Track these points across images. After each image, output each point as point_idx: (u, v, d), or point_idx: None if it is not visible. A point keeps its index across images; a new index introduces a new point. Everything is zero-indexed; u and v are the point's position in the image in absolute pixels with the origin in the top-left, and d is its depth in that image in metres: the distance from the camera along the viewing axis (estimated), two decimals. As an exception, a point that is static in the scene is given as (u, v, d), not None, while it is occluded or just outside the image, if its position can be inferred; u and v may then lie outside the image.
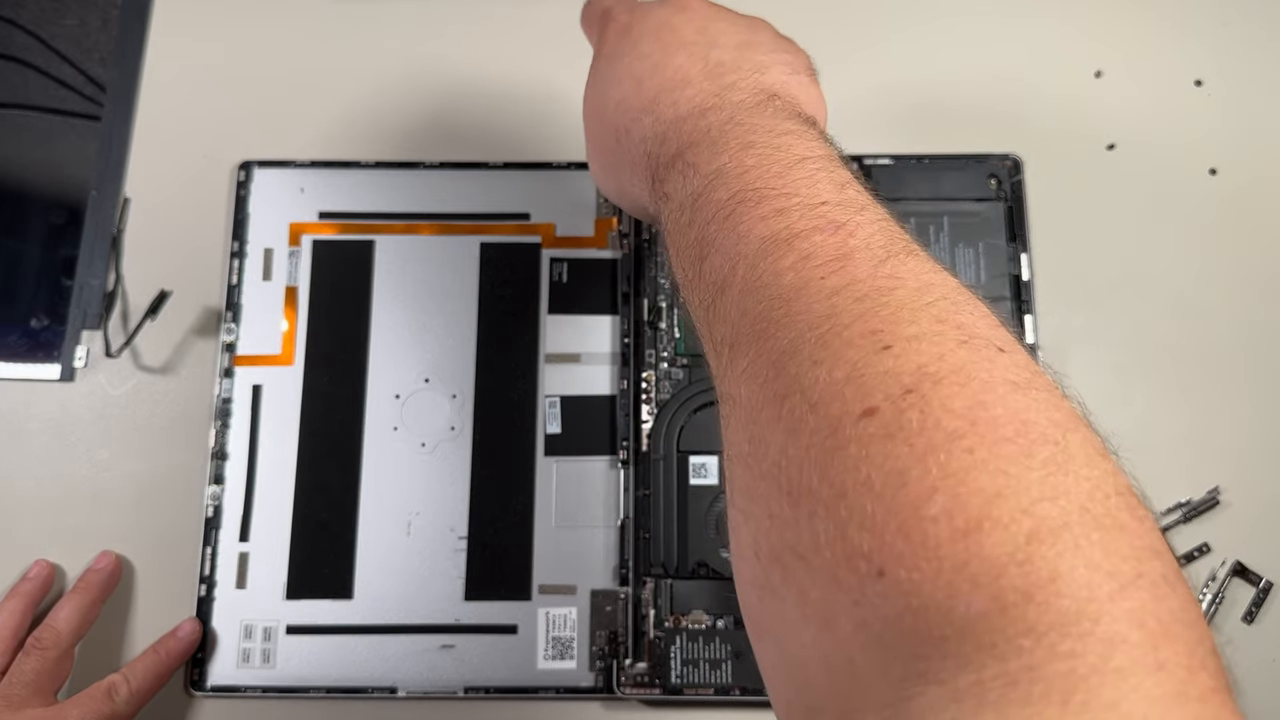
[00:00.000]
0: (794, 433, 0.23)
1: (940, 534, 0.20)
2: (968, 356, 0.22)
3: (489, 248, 0.48)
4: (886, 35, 0.51)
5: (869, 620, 0.21)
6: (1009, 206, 0.47)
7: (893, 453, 0.21)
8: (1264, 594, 0.43)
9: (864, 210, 0.26)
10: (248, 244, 0.47)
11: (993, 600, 0.19)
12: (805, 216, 0.26)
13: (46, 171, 0.50)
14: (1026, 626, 0.19)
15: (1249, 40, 0.51)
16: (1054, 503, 0.20)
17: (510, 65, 0.51)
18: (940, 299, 0.24)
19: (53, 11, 0.52)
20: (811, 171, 0.27)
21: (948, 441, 0.21)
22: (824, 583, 0.22)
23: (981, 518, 0.20)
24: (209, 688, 0.43)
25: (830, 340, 0.23)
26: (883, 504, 0.21)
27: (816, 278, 0.24)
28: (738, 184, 0.27)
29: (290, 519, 0.44)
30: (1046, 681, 0.18)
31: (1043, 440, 0.21)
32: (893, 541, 0.20)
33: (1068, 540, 0.19)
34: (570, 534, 0.44)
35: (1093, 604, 0.19)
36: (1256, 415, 0.46)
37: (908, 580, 0.20)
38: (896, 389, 0.22)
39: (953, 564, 0.20)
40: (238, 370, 0.46)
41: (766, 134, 0.29)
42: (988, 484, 0.20)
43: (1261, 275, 0.47)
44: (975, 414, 0.21)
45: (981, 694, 0.18)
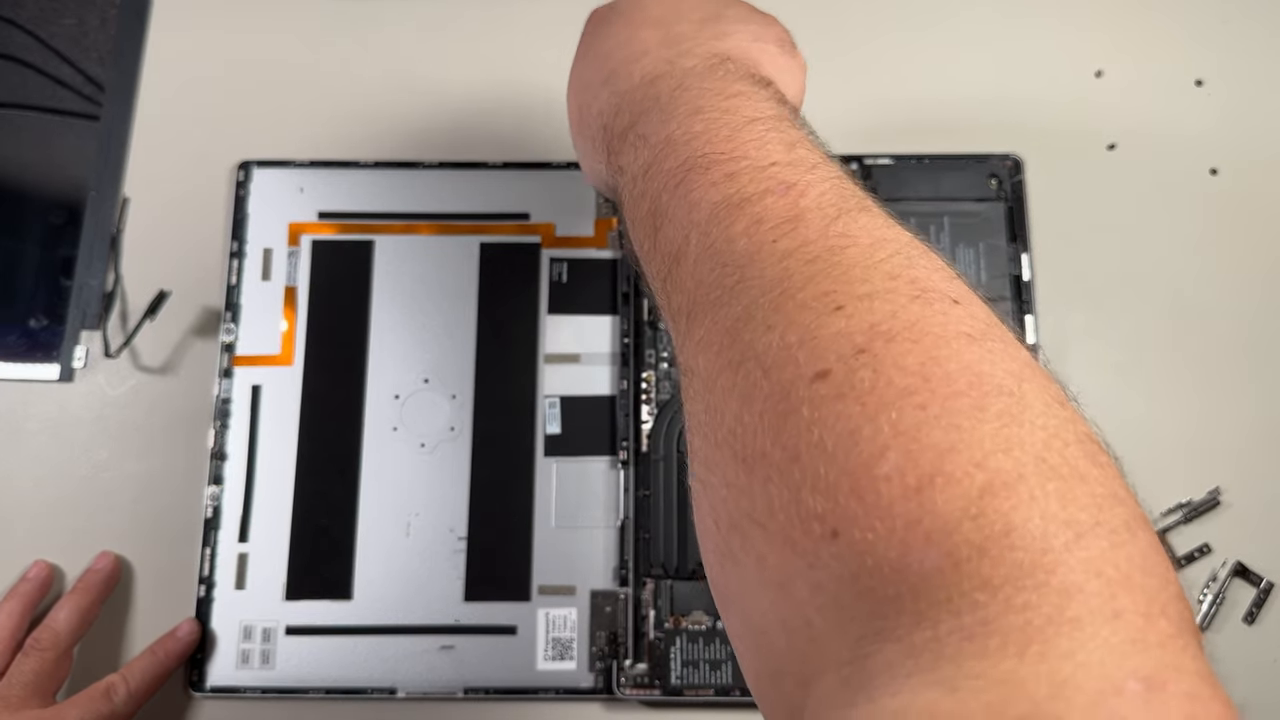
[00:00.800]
0: (748, 399, 0.23)
1: (893, 492, 0.20)
2: (921, 311, 0.22)
3: (489, 248, 0.47)
4: (887, 35, 0.51)
5: (824, 582, 0.21)
6: (1009, 206, 0.47)
7: (845, 413, 0.21)
8: (1265, 594, 0.43)
9: (815, 169, 0.26)
10: (247, 244, 0.47)
11: (946, 556, 0.19)
12: (755, 179, 0.25)
13: (45, 171, 0.50)
14: (981, 581, 0.19)
15: (1249, 40, 0.51)
16: (1008, 455, 0.20)
17: (510, 65, 0.51)
18: (893, 255, 0.23)
19: (51, 11, 0.51)
20: (760, 133, 0.27)
21: (900, 399, 0.20)
22: (780, 547, 0.22)
23: (934, 473, 0.20)
24: (208, 688, 0.43)
25: (783, 304, 0.23)
26: (835, 465, 0.21)
27: (768, 241, 0.24)
28: (686, 151, 0.27)
29: (289, 520, 0.44)
30: (1003, 634, 0.18)
31: (997, 392, 0.21)
32: (846, 503, 0.20)
33: (1022, 492, 0.19)
34: (570, 534, 0.44)
35: (1048, 555, 0.19)
36: (1257, 415, 0.45)
37: (861, 540, 0.20)
38: (849, 349, 0.21)
39: (905, 522, 0.19)
40: (237, 370, 0.46)
41: (715, 97, 0.28)
42: (940, 439, 0.20)
43: (1262, 274, 0.47)
44: (928, 370, 0.21)
45: (938, 649, 0.18)
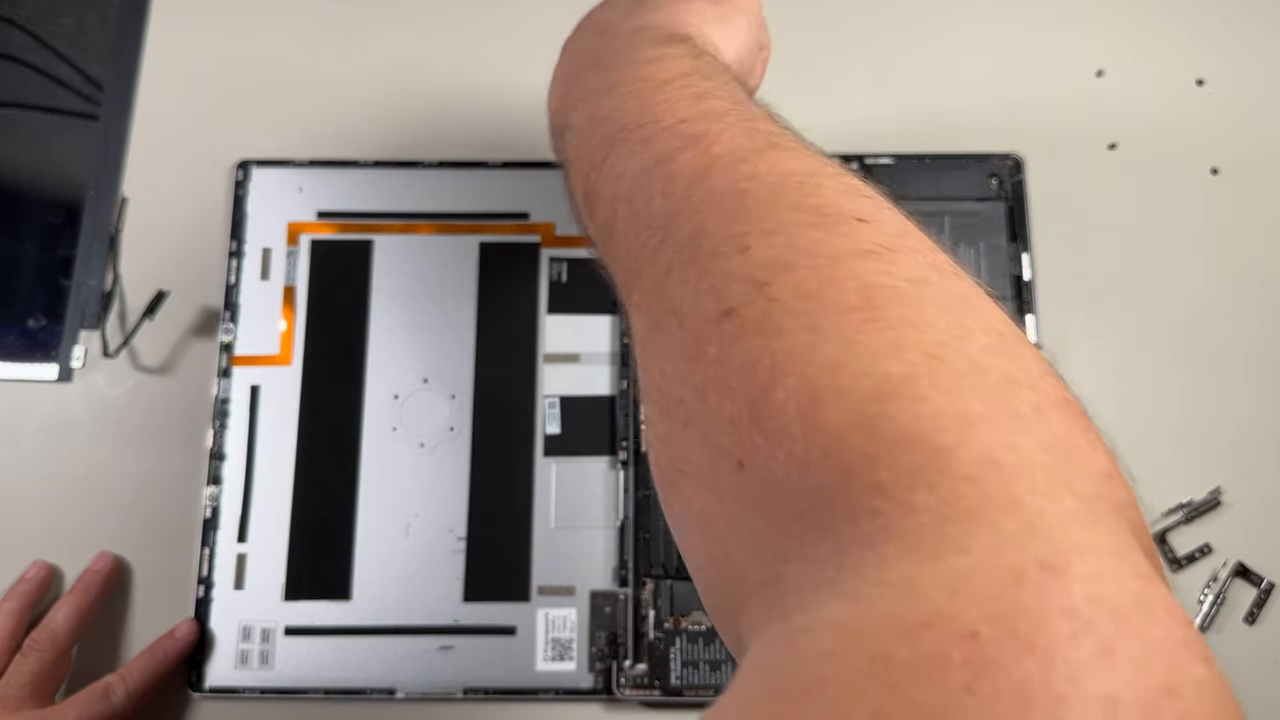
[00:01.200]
0: (668, 351, 0.23)
1: (788, 415, 0.20)
2: (820, 236, 0.22)
3: (488, 247, 0.47)
4: (888, 35, 0.51)
5: (737, 513, 0.21)
6: (1010, 206, 0.47)
7: (746, 347, 0.21)
8: (1265, 595, 0.43)
9: (724, 116, 0.26)
10: (246, 244, 0.47)
11: (841, 468, 0.19)
12: (667, 140, 0.26)
13: (44, 171, 0.50)
14: (876, 487, 0.18)
15: (1250, 39, 0.51)
16: (899, 358, 0.19)
17: (510, 64, 0.51)
18: (800, 185, 0.23)
19: (50, 10, 0.51)
20: (670, 93, 0.27)
21: (794, 323, 0.20)
22: (698, 488, 0.22)
23: (823, 390, 0.20)
24: (207, 689, 0.42)
25: (697, 255, 0.23)
26: (737, 399, 0.21)
27: (684, 198, 0.25)
28: (607, 128, 0.28)
29: (288, 520, 0.44)
30: (900, 538, 0.18)
31: (894, 300, 0.20)
32: (748, 434, 0.20)
33: (911, 392, 0.19)
34: (570, 535, 0.44)
35: (939, 452, 0.18)
36: (1258, 415, 0.45)
37: (764, 468, 0.20)
38: (750, 285, 0.22)
39: (801, 442, 0.19)
40: (236, 370, 0.46)
41: (629, 69, 0.29)
42: (830, 355, 0.20)
43: (1263, 274, 0.47)
44: (823, 292, 0.21)
45: (841, 561, 0.18)
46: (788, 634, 0.18)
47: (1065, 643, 0.15)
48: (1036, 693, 0.15)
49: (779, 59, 0.51)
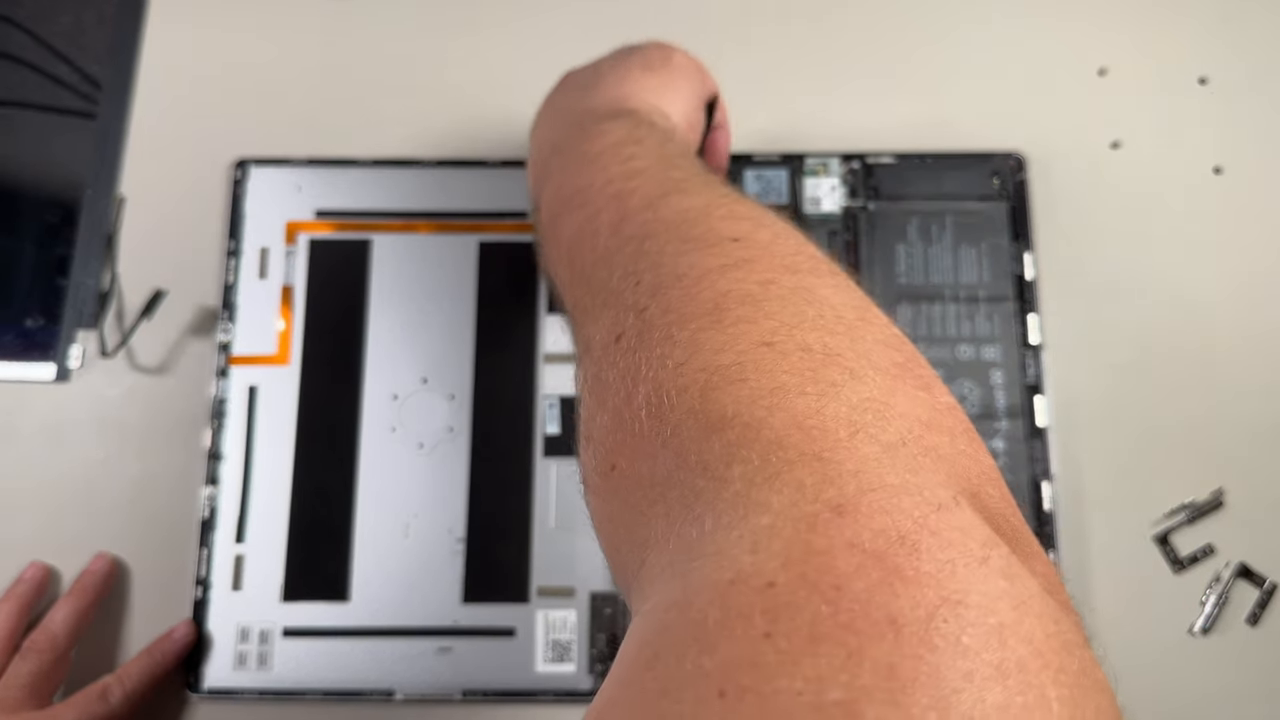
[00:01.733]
0: (582, 383, 0.26)
1: (641, 416, 0.22)
2: (695, 259, 0.24)
3: (487, 247, 0.47)
4: (890, 35, 0.51)
5: (614, 511, 0.23)
6: (1012, 205, 0.47)
7: (622, 364, 0.23)
8: (1268, 595, 0.43)
9: (642, 172, 0.29)
10: (244, 243, 0.47)
11: (675, 455, 0.21)
12: (596, 201, 0.29)
13: (41, 170, 0.50)
14: (702, 467, 0.20)
15: (1253, 38, 0.50)
16: (731, 351, 0.21)
17: (510, 64, 0.51)
18: (688, 220, 0.26)
19: (48, 9, 0.51)
20: (604, 161, 0.30)
21: (657, 336, 0.23)
22: (592, 496, 0.25)
23: (667, 388, 0.22)
24: (205, 690, 0.42)
25: (607, 296, 0.26)
26: (610, 411, 0.23)
27: (604, 248, 0.28)
28: (554, 203, 0.31)
29: (287, 521, 0.44)
30: (715, 511, 0.19)
31: (740, 302, 0.22)
32: (617, 438, 0.23)
33: (736, 377, 0.21)
34: (569, 536, 0.44)
35: (750, 426, 0.20)
36: (1261, 416, 0.45)
37: (628, 467, 0.22)
38: (634, 313, 0.24)
39: (650, 437, 0.22)
40: (233, 370, 0.45)
41: (574, 147, 0.33)
42: (677, 358, 0.22)
43: (1266, 273, 0.47)
44: (683, 306, 0.23)
45: (678, 544, 0.20)
46: (639, 619, 0.19)
47: (850, 575, 0.16)
48: (825, 625, 0.15)
49: (781, 59, 0.51)
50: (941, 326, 0.45)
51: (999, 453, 0.44)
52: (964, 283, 0.46)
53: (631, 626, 0.20)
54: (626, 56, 0.38)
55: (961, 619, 0.15)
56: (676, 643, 0.17)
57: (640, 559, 0.21)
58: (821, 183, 0.47)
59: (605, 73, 0.37)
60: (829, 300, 0.23)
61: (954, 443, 0.20)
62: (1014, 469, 0.44)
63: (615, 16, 0.51)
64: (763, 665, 0.15)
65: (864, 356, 0.21)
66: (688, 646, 0.16)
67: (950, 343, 0.45)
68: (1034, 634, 0.16)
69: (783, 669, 0.15)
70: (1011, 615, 0.16)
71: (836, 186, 0.47)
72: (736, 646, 0.16)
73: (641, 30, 0.51)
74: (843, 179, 0.47)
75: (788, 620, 0.16)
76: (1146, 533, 0.44)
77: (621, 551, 0.23)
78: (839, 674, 0.15)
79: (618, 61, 0.38)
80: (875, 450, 0.19)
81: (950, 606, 0.16)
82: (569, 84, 0.39)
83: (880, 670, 0.15)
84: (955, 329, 0.45)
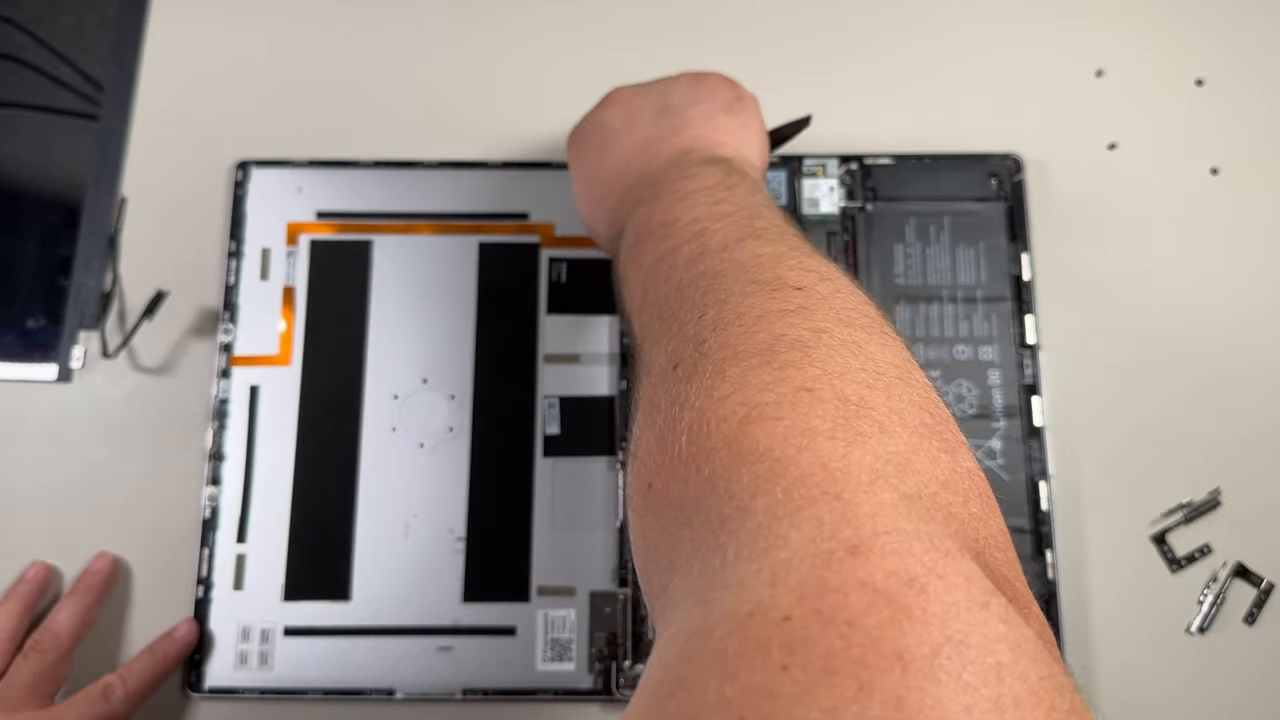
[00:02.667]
0: (639, 403, 0.27)
1: (680, 440, 0.23)
2: (755, 300, 0.26)
3: (487, 248, 0.47)
4: (888, 35, 0.51)
5: (647, 528, 0.24)
6: (1010, 206, 0.47)
7: (675, 390, 0.25)
8: (1265, 595, 0.43)
9: (728, 216, 0.30)
10: (245, 244, 0.47)
11: (706, 482, 0.22)
12: (679, 235, 0.30)
13: (43, 171, 0.50)
14: (729, 495, 0.21)
15: (1250, 39, 0.51)
16: (772, 390, 0.23)
17: (510, 64, 0.51)
18: (760, 265, 0.27)
19: (50, 10, 0.51)
20: (694, 200, 0.32)
21: (710, 368, 0.24)
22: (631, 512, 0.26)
23: (709, 417, 0.23)
24: (206, 689, 0.42)
25: (672, 326, 0.27)
26: (656, 433, 0.25)
27: (678, 280, 0.29)
28: (641, 230, 0.33)
29: (288, 520, 0.44)
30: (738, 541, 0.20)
31: (790, 347, 0.24)
32: (657, 459, 0.24)
33: (772, 415, 0.22)
34: (569, 535, 0.44)
35: (778, 463, 0.21)
36: (1257, 415, 0.45)
37: (662, 485, 0.24)
38: (693, 344, 0.26)
39: (686, 461, 0.23)
40: (235, 371, 0.46)
41: (667, 184, 0.34)
42: (724, 391, 0.23)
43: (1262, 274, 0.47)
44: (739, 344, 0.24)
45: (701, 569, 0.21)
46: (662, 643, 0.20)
47: (862, 612, 0.17)
48: (839, 659, 0.17)
49: (780, 60, 0.51)
50: (939, 327, 0.46)
51: (996, 453, 0.44)
52: (961, 283, 0.46)
53: (655, 650, 0.21)
54: (703, 91, 0.39)
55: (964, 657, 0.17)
56: (699, 671, 0.18)
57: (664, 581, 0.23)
58: (820, 184, 0.48)
59: (686, 109, 0.38)
60: (874, 356, 0.24)
61: (966, 505, 0.22)
62: (1011, 469, 0.44)
63: (615, 17, 0.51)
64: (780, 696, 0.16)
65: (896, 414, 0.23)
66: (710, 675, 0.18)
67: (948, 343, 0.45)
68: (1029, 674, 0.17)
69: (799, 699, 0.16)
70: (1009, 656, 0.17)
71: (834, 187, 0.48)
72: (755, 676, 0.17)
73: (642, 31, 0.51)
74: (841, 180, 0.48)
75: (803, 653, 0.17)
76: (1143, 532, 0.44)
77: (649, 569, 0.25)
78: (851, 704, 0.16)
79: (697, 97, 0.39)
80: (893, 498, 0.20)
81: (954, 645, 0.17)
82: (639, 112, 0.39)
83: (889, 702, 0.16)
84: (953, 329, 0.46)
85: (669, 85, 0.39)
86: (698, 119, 0.37)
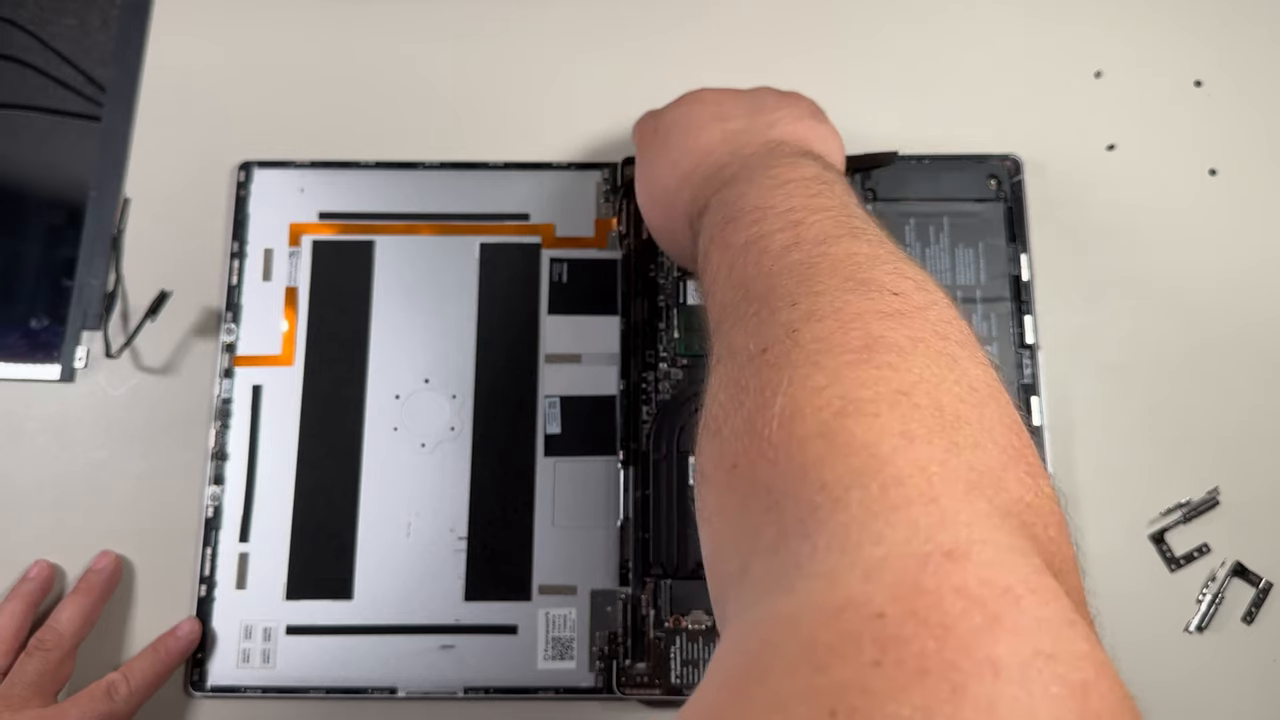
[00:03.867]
0: (721, 382, 0.27)
1: (772, 425, 0.23)
2: (850, 298, 0.26)
3: (489, 248, 0.48)
4: (887, 35, 0.51)
5: (727, 507, 0.25)
6: (1009, 207, 0.47)
7: (765, 375, 0.25)
8: (1264, 594, 0.43)
9: (825, 209, 0.30)
10: (248, 244, 0.47)
11: (798, 467, 0.22)
12: (774, 221, 0.30)
13: (46, 172, 0.50)
14: (821, 484, 0.21)
15: (1249, 40, 0.51)
16: (871, 389, 0.23)
17: (511, 65, 0.51)
18: (857, 264, 0.27)
19: (52, 11, 0.52)
20: (790, 189, 0.32)
21: (803, 358, 0.24)
22: (707, 487, 0.26)
23: (803, 405, 0.23)
24: (209, 688, 0.43)
25: (760, 309, 0.28)
26: (744, 414, 0.25)
27: (766, 265, 0.29)
28: (733, 209, 0.33)
29: (290, 519, 0.44)
30: (829, 531, 0.20)
31: (887, 350, 0.24)
32: (745, 441, 0.24)
33: (870, 411, 0.22)
34: (570, 534, 0.44)
35: (877, 457, 0.21)
36: (1256, 415, 0.46)
37: (749, 465, 0.24)
38: (784, 331, 0.26)
39: (777, 445, 0.23)
40: (238, 370, 0.46)
41: (763, 169, 0.34)
42: (819, 382, 0.23)
43: (1261, 275, 0.47)
44: (833, 338, 0.25)
45: (787, 555, 0.21)
46: (744, 627, 0.21)
47: (958, 617, 0.17)
48: (932, 660, 0.17)
49: (779, 60, 0.51)
50: (939, 327, 0.46)
51: (996, 452, 0.44)
52: (961, 284, 0.46)
53: (731, 634, 0.21)
54: (790, 98, 0.40)
55: (1053, 670, 0.17)
56: (787, 660, 0.18)
57: (743, 563, 0.23)
58: (820, 185, 0.48)
59: (776, 108, 0.39)
60: (968, 372, 0.25)
61: (1046, 530, 0.22)
62: (1011, 468, 0.44)
63: (616, 18, 0.52)
64: (873, 691, 0.17)
65: (987, 431, 0.23)
66: (799, 665, 0.18)
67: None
68: (1109, 695, 0.18)
69: (891, 696, 0.17)
70: (1093, 674, 0.18)
71: (835, 188, 0.48)
72: (847, 669, 0.17)
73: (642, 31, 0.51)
74: (841, 181, 0.48)
75: (896, 651, 0.17)
76: (1142, 531, 0.44)
77: (725, 548, 0.25)
78: (944, 705, 0.16)
79: (786, 102, 0.40)
80: (987, 509, 0.20)
81: (1044, 658, 0.17)
82: (730, 107, 0.40)
83: (981, 706, 0.16)
84: (953, 329, 0.46)
85: (756, 90, 0.41)
86: (789, 118, 0.38)
